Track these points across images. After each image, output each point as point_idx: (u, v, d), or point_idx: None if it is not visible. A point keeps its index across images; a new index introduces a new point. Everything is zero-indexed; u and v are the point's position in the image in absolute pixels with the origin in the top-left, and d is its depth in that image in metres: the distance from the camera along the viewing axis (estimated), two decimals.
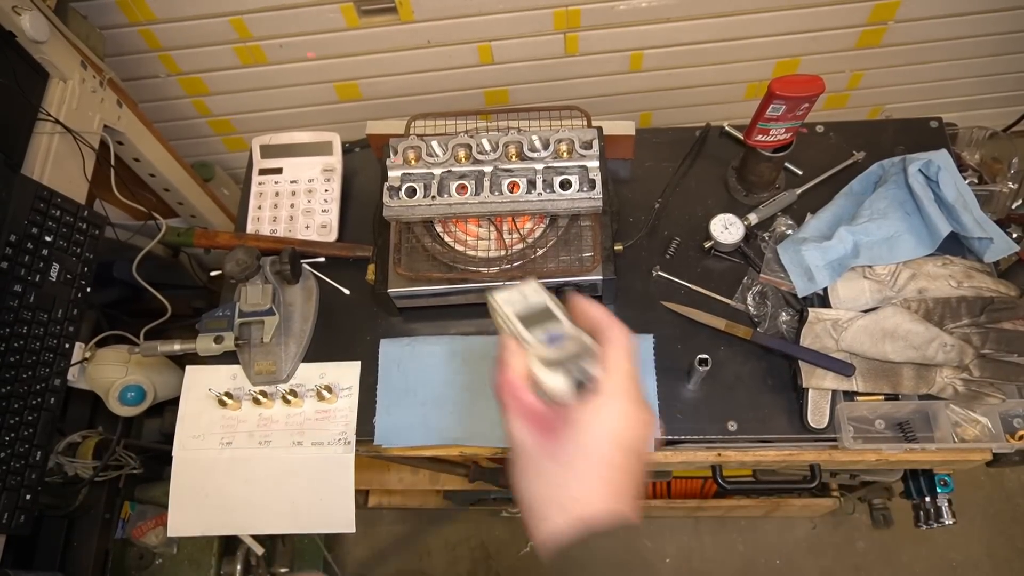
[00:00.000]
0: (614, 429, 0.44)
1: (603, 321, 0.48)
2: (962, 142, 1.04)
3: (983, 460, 0.89)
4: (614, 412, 0.44)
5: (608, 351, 0.46)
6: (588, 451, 0.43)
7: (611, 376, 0.45)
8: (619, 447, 0.44)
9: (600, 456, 0.43)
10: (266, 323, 0.92)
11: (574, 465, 0.43)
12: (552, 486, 0.43)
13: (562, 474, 0.43)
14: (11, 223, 0.92)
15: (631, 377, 0.45)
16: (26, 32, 1.01)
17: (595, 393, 0.45)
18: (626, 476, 0.44)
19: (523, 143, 0.88)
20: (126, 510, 1.17)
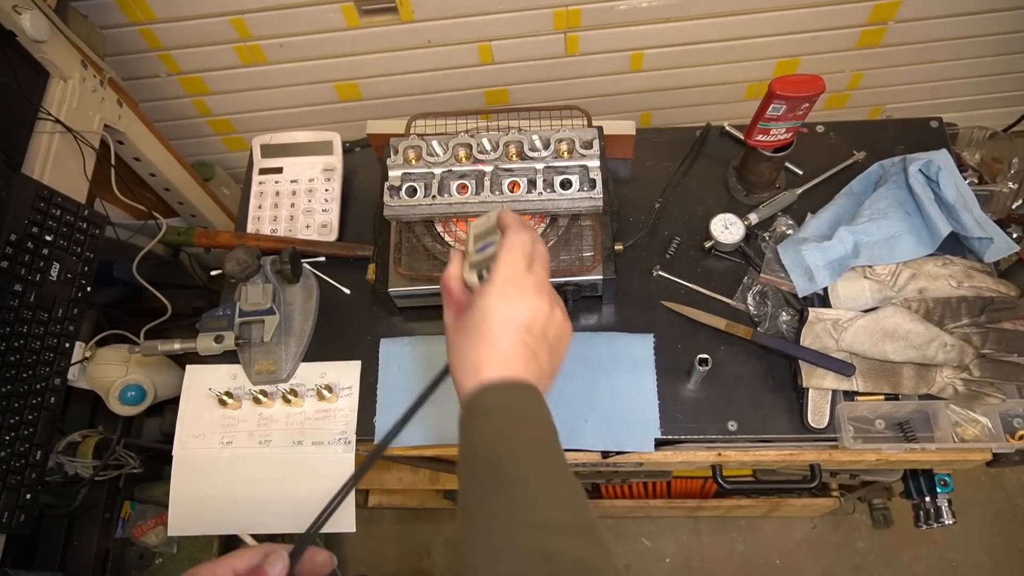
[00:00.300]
0: (496, 309, 0.55)
1: (509, 226, 0.60)
2: (962, 142, 1.04)
3: (983, 460, 0.89)
4: (496, 298, 0.55)
5: (501, 248, 0.57)
6: (478, 326, 0.55)
7: (497, 270, 0.56)
8: (504, 323, 0.54)
9: (488, 329, 0.54)
10: (266, 323, 0.92)
11: (471, 337, 0.55)
12: (460, 355, 0.55)
13: (465, 345, 0.55)
14: (11, 223, 0.92)
15: (516, 272, 0.56)
16: (26, 31, 1.01)
17: (485, 282, 0.57)
18: (511, 343, 0.54)
19: (523, 143, 0.88)
20: (126, 510, 1.17)
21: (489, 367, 0.53)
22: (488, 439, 0.50)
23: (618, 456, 0.91)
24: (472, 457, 0.50)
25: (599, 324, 0.96)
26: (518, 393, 0.53)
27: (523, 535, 0.44)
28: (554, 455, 0.51)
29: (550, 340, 0.57)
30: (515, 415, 0.52)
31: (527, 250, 0.58)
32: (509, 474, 0.48)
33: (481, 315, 0.55)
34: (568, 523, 0.45)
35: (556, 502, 0.46)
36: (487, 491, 0.47)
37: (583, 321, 0.97)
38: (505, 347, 0.54)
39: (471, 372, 0.54)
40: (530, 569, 0.42)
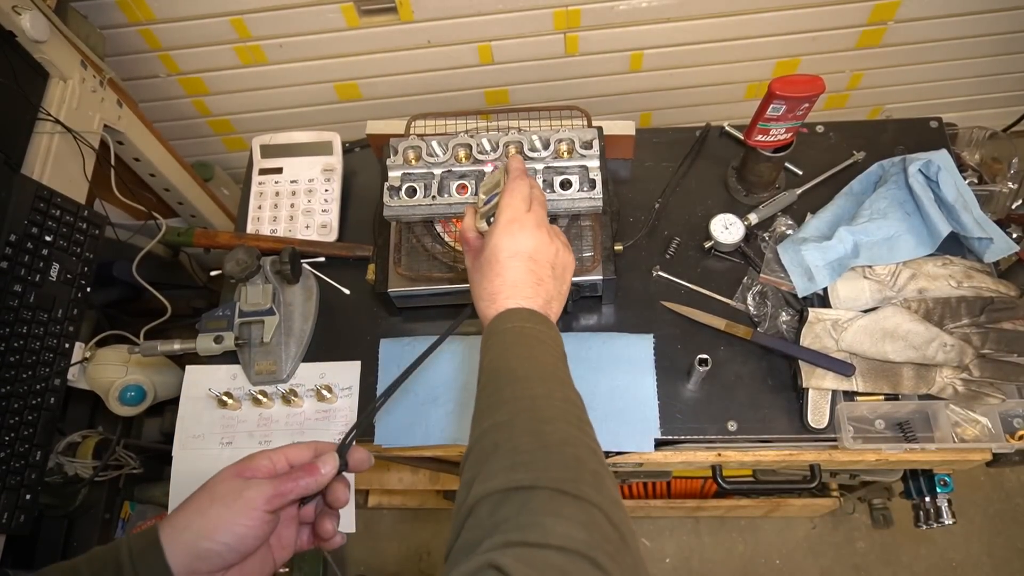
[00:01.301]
0: (502, 244, 0.63)
1: (510, 174, 0.69)
2: (962, 142, 1.04)
3: (983, 460, 0.89)
4: (502, 235, 0.64)
5: (503, 194, 0.67)
6: (490, 261, 0.64)
7: (501, 212, 0.65)
8: (510, 255, 0.63)
9: (497, 263, 0.63)
10: (266, 323, 0.92)
11: (485, 272, 0.64)
12: (479, 289, 0.64)
13: (481, 279, 0.64)
14: (11, 223, 0.92)
15: (517, 212, 0.65)
16: (26, 32, 1.01)
17: (492, 225, 0.66)
18: (519, 273, 0.62)
19: (523, 143, 0.88)
20: (126, 510, 1.17)
21: (503, 294, 0.61)
22: (501, 351, 0.57)
23: (618, 456, 0.91)
24: (487, 367, 0.58)
25: (599, 324, 0.96)
26: (527, 316, 0.60)
27: (522, 417, 0.51)
28: (556, 365, 0.58)
29: (554, 267, 0.65)
30: (525, 334, 0.59)
31: (525, 193, 0.66)
32: (516, 373, 0.55)
33: (491, 251, 0.64)
34: (560, 414, 0.52)
35: (552, 398, 0.54)
36: (497, 388, 0.54)
37: (583, 321, 0.97)
38: (514, 276, 0.62)
39: (488, 301, 0.62)
40: (522, 441, 0.49)
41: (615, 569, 0.39)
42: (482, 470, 0.47)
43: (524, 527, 0.41)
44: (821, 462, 0.92)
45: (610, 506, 0.44)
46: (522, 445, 0.48)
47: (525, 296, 0.62)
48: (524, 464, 0.46)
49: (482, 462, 0.48)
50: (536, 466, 0.46)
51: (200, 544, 0.51)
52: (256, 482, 0.55)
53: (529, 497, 0.44)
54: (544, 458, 0.47)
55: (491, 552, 0.39)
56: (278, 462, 0.58)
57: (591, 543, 0.40)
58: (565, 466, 0.46)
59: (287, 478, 0.56)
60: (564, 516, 0.42)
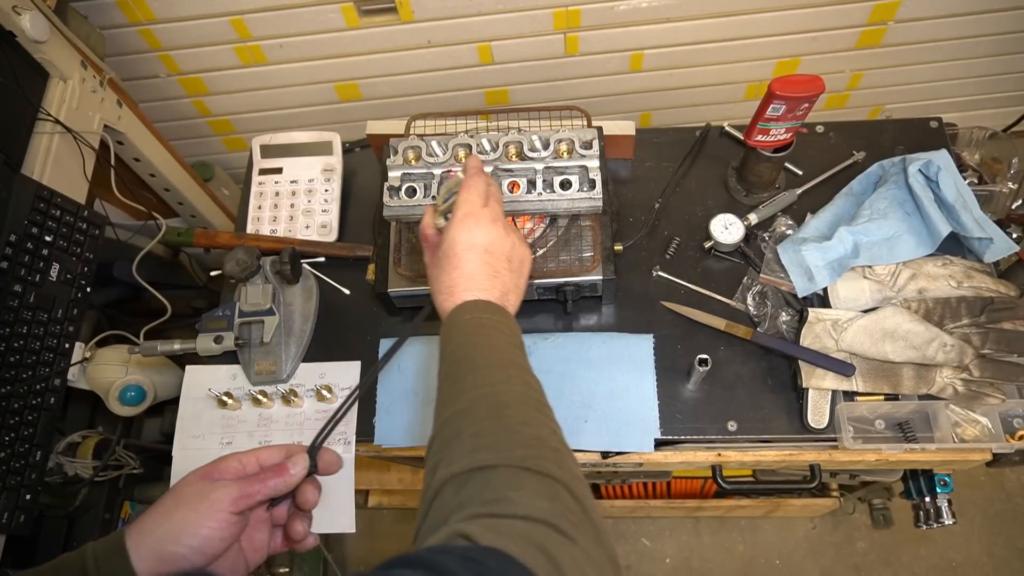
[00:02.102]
0: (459, 238, 0.64)
1: (467, 172, 0.71)
2: (962, 142, 1.04)
3: (983, 460, 0.89)
4: (458, 229, 0.65)
5: (460, 191, 0.68)
6: (447, 254, 0.65)
7: (457, 207, 0.67)
8: (467, 248, 0.64)
9: (454, 257, 0.64)
10: (266, 323, 0.92)
11: (442, 265, 0.65)
12: (437, 283, 0.65)
13: (440, 273, 0.65)
14: (11, 223, 0.92)
15: (473, 207, 0.66)
16: (26, 32, 1.01)
17: (449, 220, 0.67)
18: (475, 265, 0.63)
19: (523, 143, 0.88)
20: (126, 510, 1.17)
21: (460, 287, 0.63)
22: (460, 342, 0.58)
23: (618, 456, 0.91)
24: (447, 358, 0.59)
25: (599, 324, 0.96)
26: (485, 308, 0.61)
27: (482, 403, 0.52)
28: (515, 353, 0.59)
29: (511, 260, 0.66)
30: (482, 324, 0.60)
31: (481, 189, 0.68)
32: (475, 362, 0.56)
33: (448, 245, 0.65)
34: (519, 398, 0.53)
35: (511, 383, 0.54)
36: (458, 377, 0.56)
37: (583, 321, 0.97)
38: (470, 268, 0.63)
39: (446, 294, 0.63)
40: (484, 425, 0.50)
41: (578, 536, 0.41)
42: (446, 455, 0.48)
43: (489, 502, 0.42)
44: (821, 462, 0.92)
45: (571, 480, 0.46)
46: (484, 429, 0.49)
47: (482, 288, 0.63)
48: (487, 446, 0.47)
49: (446, 447, 0.49)
50: (498, 447, 0.47)
51: (165, 548, 0.51)
52: (222, 484, 0.55)
53: (493, 475, 0.45)
54: (506, 439, 0.48)
55: (458, 523, 0.40)
56: (247, 464, 0.59)
57: (554, 512, 0.42)
58: (527, 445, 0.48)
59: (254, 479, 0.57)
60: (527, 489, 0.43)
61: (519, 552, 0.37)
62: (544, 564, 0.37)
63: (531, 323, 0.97)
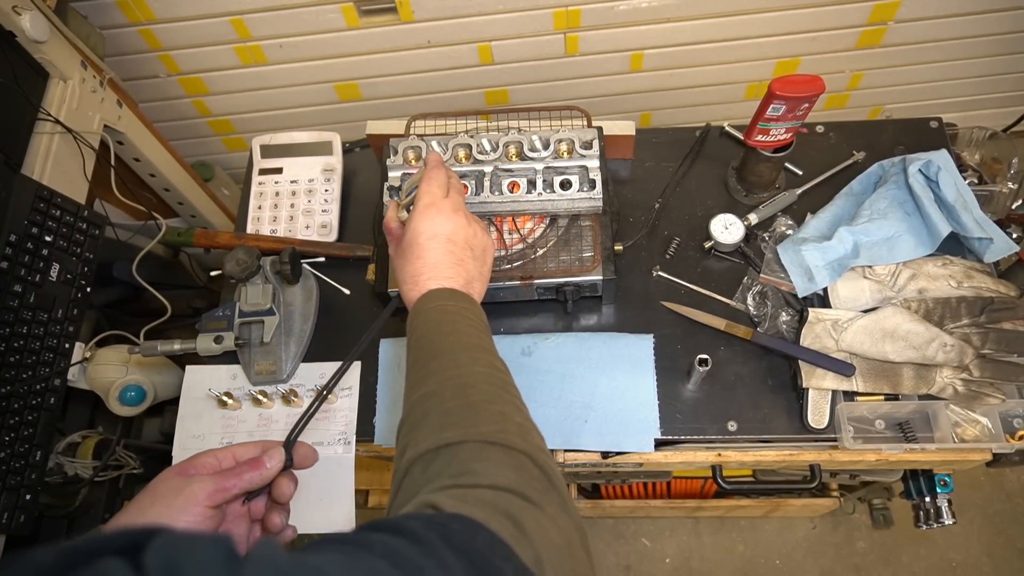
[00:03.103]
0: (421, 228, 0.65)
1: (427, 165, 0.71)
2: (962, 142, 1.04)
3: (983, 460, 0.89)
4: (420, 220, 0.66)
5: (421, 183, 0.69)
6: (411, 244, 0.66)
7: (419, 199, 0.68)
8: (429, 238, 0.65)
9: (417, 247, 0.65)
10: (266, 323, 0.92)
11: (406, 255, 0.66)
12: (402, 273, 0.66)
13: (404, 263, 0.66)
14: (11, 223, 0.92)
15: (434, 198, 0.67)
16: (26, 32, 1.01)
17: (411, 211, 0.68)
18: (439, 254, 0.65)
19: (523, 143, 0.88)
20: None
21: (424, 275, 0.63)
22: (426, 329, 0.59)
23: (618, 456, 0.91)
24: (414, 345, 0.59)
25: (599, 324, 0.96)
26: (449, 295, 0.62)
27: (448, 385, 0.53)
28: (480, 337, 0.59)
29: (473, 248, 0.67)
30: (448, 311, 0.61)
31: (442, 181, 0.69)
32: (440, 348, 0.56)
33: (411, 235, 0.66)
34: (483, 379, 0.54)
35: (476, 364, 0.55)
36: (424, 363, 0.56)
37: (583, 321, 0.97)
38: (434, 257, 0.64)
39: (411, 284, 0.64)
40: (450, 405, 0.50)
41: (544, 503, 0.42)
42: (413, 436, 0.49)
43: (456, 475, 0.44)
44: (821, 462, 0.92)
45: (536, 452, 0.47)
46: (450, 408, 0.50)
47: (446, 276, 0.64)
48: (452, 424, 0.48)
49: (414, 429, 0.50)
50: (464, 424, 0.48)
51: None
52: (198, 478, 0.55)
53: (459, 450, 0.46)
54: (471, 416, 0.49)
55: (426, 495, 0.41)
56: (223, 459, 0.59)
57: (520, 481, 0.43)
58: (491, 421, 0.49)
59: (230, 473, 0.57)
60: (493, 461, 0.45)
61: (484, 517, 0.38)
62: (509, 527, 0.38)
63: (531, 323, 0.97)
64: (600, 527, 1.74)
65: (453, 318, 0.60)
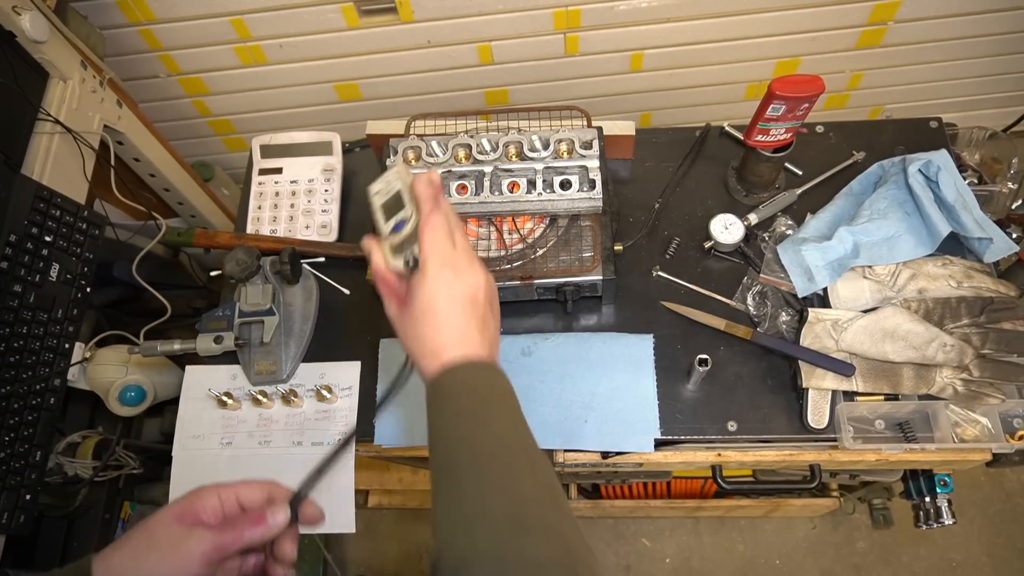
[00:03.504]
0: (439, 294, 0.56)
1: (422, 205, 0.59)
2: (962, 142, 1.04)
3: (983, 460, 0.89)
4: (436, 283, 0.57)
5: (423, 233, 0.58)
6: (427, 313, 0.57)
7: (428, 258, 0.57)
8: (452, 304, 0.56)
9: (436, 312, 0.56)
10: (266, 323, 0.92)
11: (423, 326, 0.57)
12: (416, 342, 0.57)
13: (418, 333, 0.57)
14: (11, 223, 0.92)
15: (444, 253, 0.57)
16: (26, 32, 1.01)
17: (420, 271, 0.58)
18: (463, 320, 0.56)
19: (523, 143, 0.88)
20: (126, 510, 1.17)
21: (448, 348, 0.56)
22: (456, 419, 0.53)
23: (618, 456, 0.91)
24: (443, 437, 0.53)
25: (599, 324, 0.96)
26: (479, 372, 0.55)
27: (496, 504, 0.47)
28: (517, 429, 0.54)
29: (492, 302, 0.60)
30: (479, 395, 0.54)
31: (446, 227, 0.59)
32: (479, 450, 0.50)
33: (427, 303, 0.57)
34: (536, 494, 0.49)
35: (523, 474, 0.49)
36: (459, 466, 0.50)
37: (583, 321, 0.97)
38: (458, 325, 0.56)
39: (431, 357, 0.56)
40: (504, 533, 0.45)
41: None
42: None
43: None
44: (821, 462, 0.92)
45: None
46: (507, 551, 0.45)
47: (473, 345, 0.56)
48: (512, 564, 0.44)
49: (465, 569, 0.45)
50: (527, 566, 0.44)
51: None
52: (198, 533, 0.53)
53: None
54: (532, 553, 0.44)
55: None
56: (227, 502, 0.56)
57: None
58: (557, 564, 0.44)
59: (231, 529, 0.54)
60: None
61: None
62: None
63: (531, 323, 0.97)
64: (600, 527, 1.74)
65: (487, 403, 0.54)
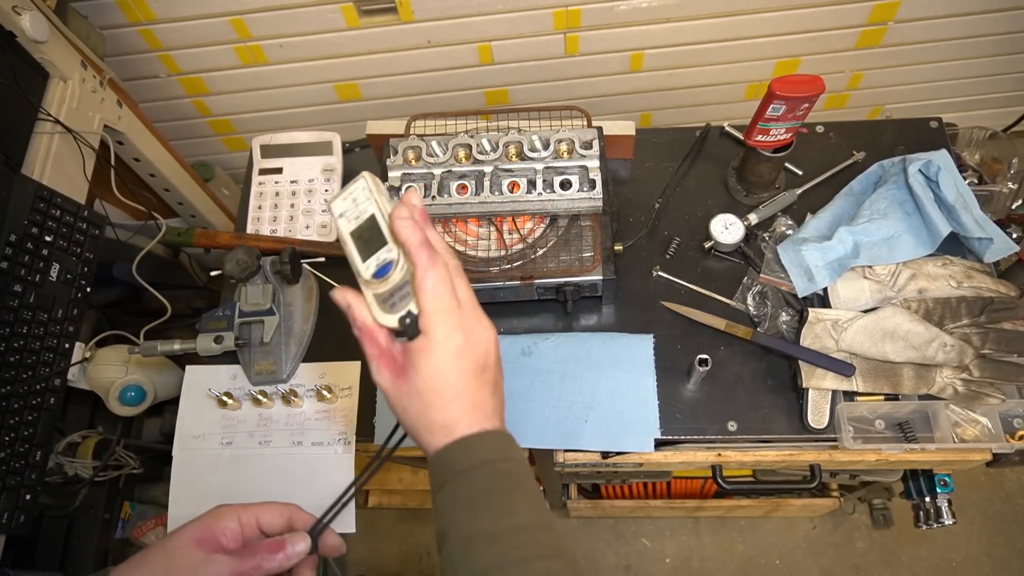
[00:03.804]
0: (450, 367, 0.49)
1: (414, 253, 0.48)
2: (962, 142, 1.04)
3: (983, 460, 0.89)
4: (445, 354, 0.49)
5: (422, 290, 0.48)
6: (434, 386, 0.49)
7: (431, 320, 0.48)
8: (459, 373, 0.49)
9: (445, 385, 0.49)
10: (266, 323, 0.92)
11: (426, 397, 0.49)
12: (419, 416, 0.50)
13: (421, 406, 0.50)
14: (11, 223, 0.92)
15: (451, 316, 0.49)
16: (26, 32, 1.01)
17: (423, 334, 0.49)
18: (476, 390, 0.50)
19: (523, 143, 0.88)
20: (126, 510, 1.17)
21: (460, 423, 0.50)
22: (475, 509, 0.48)
23: (618, 456, 0.91)
24: (462, 533, 0.48)
25: (599, 324, 0.96)
26: (491, 444, 0.50)
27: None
28: (542, 512, 0.50)
29: (498, 360, 0.54)
30: (495, 471, 0.49)
31: (448, 280, 0.49)
32: (506, 550, 0.46)
33: (435, 378, 0.49)
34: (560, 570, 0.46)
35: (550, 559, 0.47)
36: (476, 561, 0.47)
37: (583, 321, 0.97)
38: (470, 398, 0.50)
39: (440, 434, 0.50)
40: None
41: None
42: None
43: None
44: (821, 462, 0.92)
45: None
46: None
47: (485, 415, 0.50)
48: None
49: None
50: None
51: None
52: (217, 560, 0.52)
53: None
54: None
55: None
56: (247, 525, 0.55)
57: None
58: None
59: (250, 556, 0.53)
60: None
61: None
62: None
63: (531, 323, 0.97)
64: (600, 527, 1.74)
65: (508, 491, 0.49)
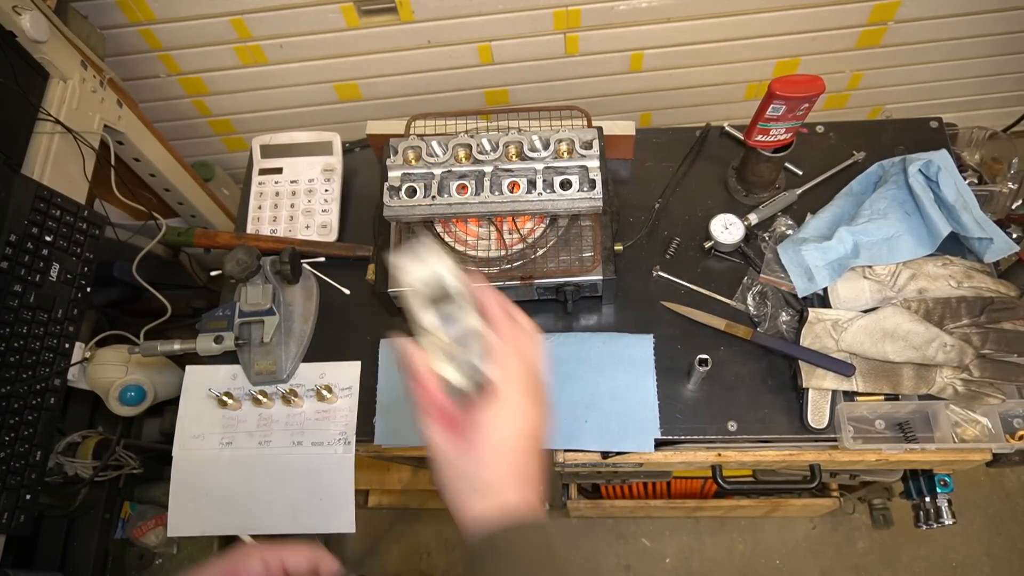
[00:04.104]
0: (515, 427, 0.49)
1: (496, 317, 0.51)
2: (962, 142, 1.04)
3: (983, 460, 0.89)
4: (513, 412, 0.49)
5: (502, 350, 0.50)
6: (497, 449, 0.48)
7: (507, 381, 0.49)
8: (523, 439, 0.49)
9: (507, 450, 0.49)
10: (266, 323, 0.92)
11: (485, 461, 0.48)
12: (469, 479, 0.49)
13: (476, 469, 0.48)
14: (11, 223, 0.92)
15: (524, 376, 0.50)
16: (26, 32, 1.01)
17: (495, 396, 0.49)
18: (530, 460, 0.50)
19: (523, 143, 0.88)
20: (126, 510, 1.17)
21: (510, 487, 0.48)
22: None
23: (618, 456, 0.91)
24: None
25: (599, 324, 0.96)
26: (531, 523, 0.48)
27: None
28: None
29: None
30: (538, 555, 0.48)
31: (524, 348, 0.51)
32: None
33: (499, 439, 0.49)
34: None
35: None
36: None
37: (583, 321, 0.97)
38: (526, 461, 0.50)
39: (485, 493, 0.49)
40: None
41: None
42: None
43: None
44: (821, 462, 0.92)
45: None
46: None
47: (531, 483, 0.50)
48: None
49: None
50: None
51: None
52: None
53: None
54: None
55: None
56: (273, 568, 0.54)
57: None
58: None
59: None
60: None
61: None
62: None
63: None
64: (600, 527, 1.74)
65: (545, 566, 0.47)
